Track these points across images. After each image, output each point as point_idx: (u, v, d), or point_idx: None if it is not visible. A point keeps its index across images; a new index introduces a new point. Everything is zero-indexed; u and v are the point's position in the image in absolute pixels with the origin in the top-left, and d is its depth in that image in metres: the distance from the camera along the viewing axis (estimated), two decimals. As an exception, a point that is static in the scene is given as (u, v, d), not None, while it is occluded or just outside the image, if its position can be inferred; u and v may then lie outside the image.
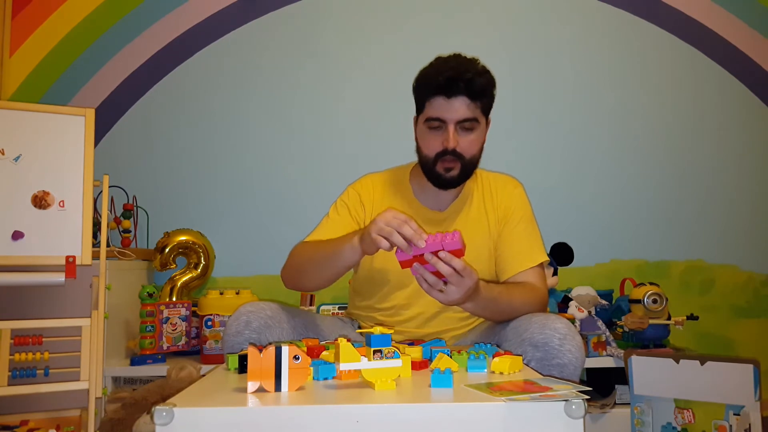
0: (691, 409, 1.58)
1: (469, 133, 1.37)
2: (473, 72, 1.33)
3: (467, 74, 1.32)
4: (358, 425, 0.77)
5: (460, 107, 1.33)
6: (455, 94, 1.32)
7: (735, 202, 2.38)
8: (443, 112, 1.34)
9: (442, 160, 1.37)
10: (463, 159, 1.37)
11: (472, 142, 1.38)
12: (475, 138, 1.38)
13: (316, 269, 1.32)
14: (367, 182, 1.54)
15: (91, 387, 1.54)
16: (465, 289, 1.12)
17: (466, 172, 1.40)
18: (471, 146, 1.38)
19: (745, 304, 2.35)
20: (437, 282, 1.12)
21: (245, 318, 1.26)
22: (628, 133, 2.39)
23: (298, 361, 0.88)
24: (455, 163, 1.37)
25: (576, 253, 2.09)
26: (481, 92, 1.34)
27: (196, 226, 2.23)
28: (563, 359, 1.17)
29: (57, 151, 1.62)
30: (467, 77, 1.31)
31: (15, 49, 2.32)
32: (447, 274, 1.09)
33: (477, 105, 1.35)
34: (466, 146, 1.37)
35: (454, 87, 1.32)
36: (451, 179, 1.39)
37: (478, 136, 1.39)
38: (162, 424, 0.75)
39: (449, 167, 1.38)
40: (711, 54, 2.42)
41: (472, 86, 1.32)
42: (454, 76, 1.31)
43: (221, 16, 2.38)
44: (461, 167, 1.38)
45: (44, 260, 1.56)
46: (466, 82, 1.31)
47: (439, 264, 1.08)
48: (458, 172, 1.38)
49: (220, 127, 2.36)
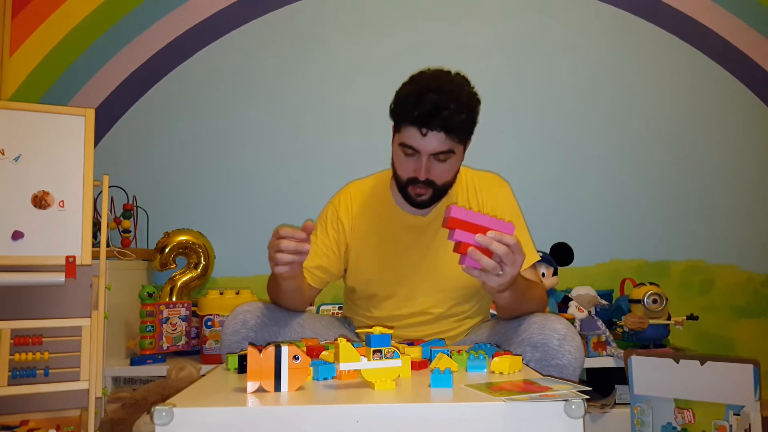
0: (691, 409, 1.58)
1: (443, 163, 1.31)
2: (453, 107, 1.23)
3: (445, 112, 1.23)
4: (358, 425, 0.77)
5: (434, 141, 1.26)
6: (431, 130, 1.25)
7: (735, 202, 2.38)
8: (417, 143, 1.27)
9: (414, 186, 1.33)
10: (435, 185, 1.33)
11: (446, 170, 1.33)
12: (448, 167, 1.32)
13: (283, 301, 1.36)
14: (345, 196, 1.50)
15: (91, 387, 1.54)
16: (518, 266, 1.07)
17: (438, 194, 1.36)
18: (444, 174, 1.33)
19: (745, 304, 2.35)
20: (496, 266, 1.05)
21: (242, 317, 1.26)
22: (628, 134, 2.40)
23: (298, 361, 0.88)
24: (426, 190, 1.33)
25: (576, 253, 2.09)
26: (459, 128, 1.27)
27: (196, 226, 2.23)
28: (562, 360, 1.17)
29: (57, 151, 1.62)
30: (444, 115, 1.23)
31: (15, 49, 2.32)
32: (502, 253, 1.03)
33: (453, 138, 1.27)
34: (438, 175, 1.32)
35: (430, 124, 1.24)
36: (421, 203, 1.36)
37: (452, 165, 1.33)
38: (162, 424, 0.75)
39: (420, 193, 1.34)
40: (710, 54, 2.42)
41: (449, 123, 1.24)
42: (430, 111, 1.23)
43: (221, 16, 2.38)
44: (433, 192, 1.34)
45: (44, 260, 1.56)
46: (442, 119, 1.23)
47: (493, 244, 1.03)
48: (429, 196, 1.35)
49: (220, 126, 2.36)
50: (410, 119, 1.26)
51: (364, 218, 1.45)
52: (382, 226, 1.44)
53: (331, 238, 1.44)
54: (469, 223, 1.04)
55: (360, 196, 1.49)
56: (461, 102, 1.25)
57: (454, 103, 1.24)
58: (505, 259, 1.04)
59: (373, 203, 1.48)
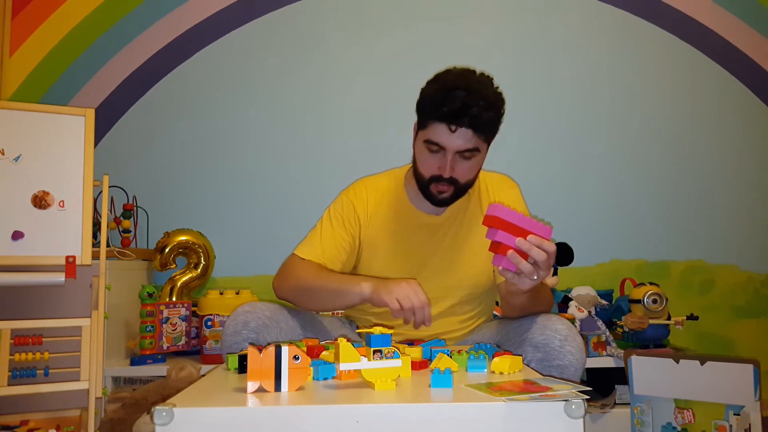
0: (691, 409, 1.58)
1: (468, 161, 1.32)
2: (482, 105, 1.25)
3: (474, 109, 1.24)
4: (358, 425, 0.77)
5: (462, 138, 1.27)
6: (459, 126, 1.26)
7: (735, 202, 2.38)
8: (444, 140, 1.28)
9: (437, 183, 1.33)
10: (458, 184, 1.34)
11: (470, 168, 1.33)
12: (472, 165, 1.33)
13: (317, 300, 1.32)
14: (360, 190, 1.49)
15: (91, 387, 1.54)
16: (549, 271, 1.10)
17: (459, 193, 1.37)
18: (468, 173, 1.34)
19: (745, 304, 2.35)
20: (533, 271, 1.07)
21: (243, 318, 1.26)
22: (628, 134, 2.39)
23: (298, 361, 0.88)
24: (449, 188, 1.34)
25: (576, 253, 2.09)
26: (486, 126, 1.28)
27: (196, 226, 2.23)
28: (564, 360, 1.17)
29: (57, 151, 1.62)
30: (474, 113, 1.24)
31: (15, 49, 2.32)
32: (541, 260, 1.05)
33: (480, 137, 1.29)
34: (462, 173, 1.33)
35: (459, 120, 1.25)
36: (443, 200, 1.36)
37: (476, 163, 1.34)
38: (162, 424, 0.75)
39: (442, 190, 1.34)
40: (711, 54, 2.42)
41: (477, 121, 1.25)
42: (460, 109, 1.24)
43: (221, 16, 2.38)
44: (455, 190, 1.35)
45: (44, 260, 1.56)
46: (472, 117, 1.25)
47: (533, 250, 1.04)
48: (451, 194, 1.35)
49: (220, 126, 2.36)
50: (438, 116, 1.27)
51: (378, 215, 1.45)
52: (397, 223, 1.44)
53: (349, 234, 1.44)
54: (510, 224, 1.04)
55: (375, 193, 1.48)
56: (489, 100, 1.27)
57: (483, 101, 1.25)
58: (541, 265, 1.06)
59: (388, 200, 1.47)
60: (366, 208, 1.46)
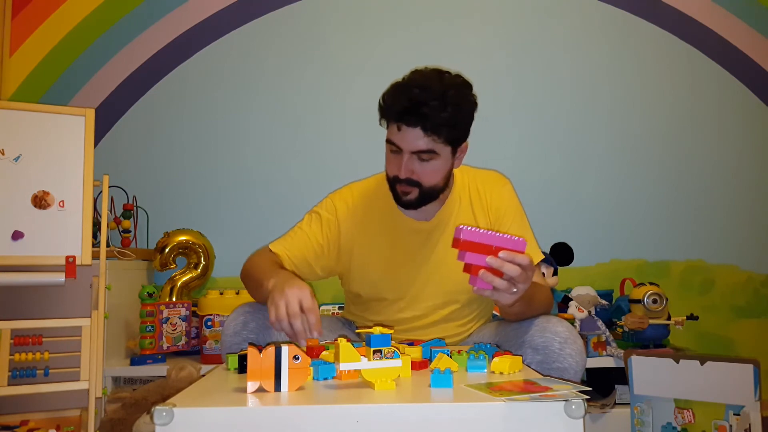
0: (691, 409, 1.58)
1: (427, 163, 1.28)
2: (433, 105, 1.21)
3: (423, 108, 1.21)
4: (358, 425, 0.77)
5: (414, 139, 1.24)
6: (409, 125, 1.23)
7: (735, 202, 2.38)
8: (398, 139, 1.27)
9: (399, 184, 1.31)
10: (421, 186, 1.31)
11: (431, 171, 1.29)
12: (433, 168, 1.29)
13: (251, 288, 1.34)
14: (347, 196, 1.47)
15: (91, 387, 1.54)
16: (530, 281, 1.07)
17: (425, 197, 1.33)
18: (429, 176, 1.30)
19: (745, 304, 2.35)
20: (509, 286, 1.03)
21: (243, 318, 1.26)
22: (628, 134, 2.40)
23: (298, 361, 0.88)
24: (412, 189, 1.31)
25: (576, 253, 2.09)
26: (438, 127, 1.23)
27: (196, 226, 2.22)
28: (563, 363, 1.17)
29: (57, 151, 1.62)
30: (422, 112, 1.21)
31: (15, 49, 2.32)
32: (515, 274, 1.01)
33: (435, 138, 1.24)
34: (423, 175, 1.29)
35: (408, 119, 1.23)
36: (408, 202, 1.33)
37: (438, 166, 1.30)
38: (162, 424, 0.75)
39: (405, 191, 1.32)
40: (710, 54, 2.42)
41: (427, 120, 1.22)
42: (408, 108, 1.22)
43: (221, 16, 2.38)
44: (420, 193, 1.31)
45: (44, 260, 1.56)
46: (419, 116, 1.22)
47: (505, 266, 1.01)
48: (416, 196, 1.32)
49: (221, 126, 2.36)
50: (390, 114, 1.27)
51: (367, 222, 1.43)
52: (387, 230, 1.42)
53: (324, 236, 1.41)
54: (480, 244, 1.02)
55: (363, 200, 1.45)
56: (445, 100, 1.22)
57: (437, 101, 1.21)
58: (517, 278, 1.02)
59: (377, 206, 1.44)
60: (353, 215, 1.43)
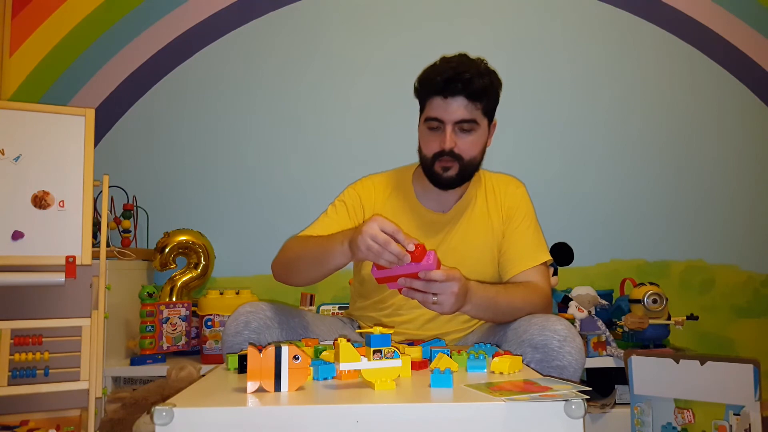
0: (691, 409, 1.58)
1: (468, 135, 1.36)
2: (473, 72, 1.32)
3: (466, 75, 1.31)
4: (358, 425, 0.77)
5: (457, 108, 1.33)
6: (453, 95, 1.32)
7: (735, 202, 2.38)
8: (441, 112, 1.34)
9: (440, 160, 1.36)
10: (462, 160, 1.37)
11: (471, 143, 1.37)
12: (474, 140, 1.37)
13: (306, 267, 1.31)
14: (367, 184, 1.52)
15: (91, 387, 1.54)
16: (455, 294, 1.12)
17: (465, 172, 1.39)
18: (470, 148, 1.37)
19: (745, 304, 2.35)
20: (427, 297, 1.12)
21: (244, 318, 1.26)
22: (628, 134, 2.39)
23: (298, 361, 0.88)
24: (453, 163, 1.36)
25: (576, 253, 2.09)
26: (480, 93, 1.33)
27: (196, 226, 2.23)
28: (563, 361, 1.17)
29: (57, 151, 1.62)
30: (465, 78, 1.31)
31: (15, 49, 2.31)
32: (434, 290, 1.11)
33: (476, 106, 1.34)
34: (464, 147, 1.36)
35: (452, 87, 1.31)
36: (448, 179, 1.38)
37: (477, 138, 1.38)
38: (162, 424, 0.75)
39: (447, 167, 1.37)
40: (710, 54, 2.42)
41: (470, 87, 1.31)
42: (452, 77, 1.31)
43: (221, 16, 2.38)
44: (459, 168, 1.37)
45: (44, 260, 1.56)
46: (464, 82, 1.31)
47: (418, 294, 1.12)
48: (456, 172, 1.37)
49: (221, 126, 2.36)
50: (433, 88, 1.34)
51: (389, 208, 1.47)
52: (406, 217, 1.46)
53: (352, 220, 1.45)
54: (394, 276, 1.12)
55: (382, 188, 1.51)
56: (482, 68, 1.35)
57: (475, 69, 1.33)
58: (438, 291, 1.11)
59: (394, 196, 1.49)
60: (372, 200, 1.48)
